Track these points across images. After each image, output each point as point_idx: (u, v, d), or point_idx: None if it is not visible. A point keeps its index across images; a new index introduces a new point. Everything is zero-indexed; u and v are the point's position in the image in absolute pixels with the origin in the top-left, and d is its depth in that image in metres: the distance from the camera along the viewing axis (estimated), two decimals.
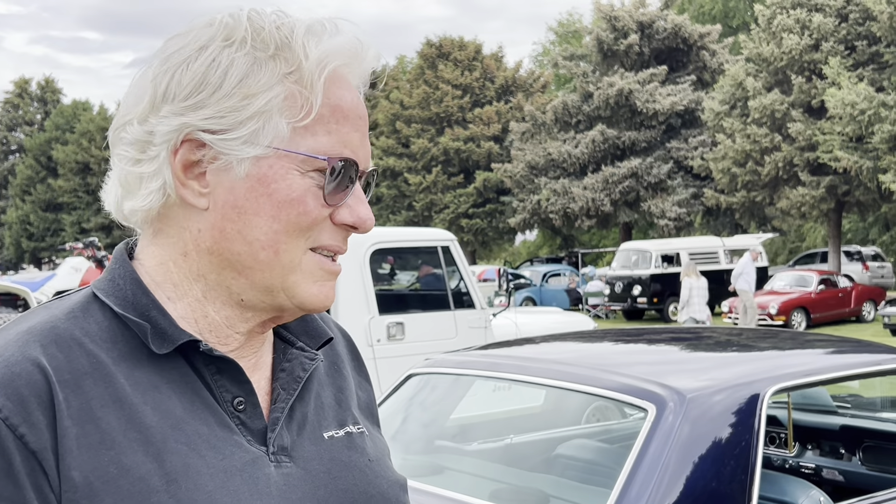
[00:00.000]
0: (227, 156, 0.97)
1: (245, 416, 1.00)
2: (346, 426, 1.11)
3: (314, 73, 0.97)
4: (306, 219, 0.98)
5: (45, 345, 0.92)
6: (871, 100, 23.86)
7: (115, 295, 0.99)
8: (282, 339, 1.11)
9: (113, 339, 0.96)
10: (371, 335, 7.90)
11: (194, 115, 0.96)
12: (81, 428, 0.89)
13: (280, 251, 0.98)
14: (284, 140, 0.97)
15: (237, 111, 0.96)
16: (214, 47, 0.97)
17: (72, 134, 55.70)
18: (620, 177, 33.24)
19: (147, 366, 0.96)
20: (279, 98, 0.97)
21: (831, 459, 4.36)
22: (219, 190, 0.98)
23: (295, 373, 1.07)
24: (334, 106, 0.99)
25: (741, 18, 45.98)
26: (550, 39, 58.78)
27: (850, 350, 3.73)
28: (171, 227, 1.01)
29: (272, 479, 0.98)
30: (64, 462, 0.88)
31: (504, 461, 3.95)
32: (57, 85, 64.20)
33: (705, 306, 15.69)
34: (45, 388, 0.89)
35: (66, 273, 15.94)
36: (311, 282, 1.01)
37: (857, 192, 26.40)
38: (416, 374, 3.88)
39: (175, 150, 0.97)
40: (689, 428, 2.73)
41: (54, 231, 56.43)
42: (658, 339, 4.10)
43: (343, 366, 1.19)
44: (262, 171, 0.97)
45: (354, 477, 1.06)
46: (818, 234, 39.31)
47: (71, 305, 0.99)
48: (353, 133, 1.01)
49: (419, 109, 41.51)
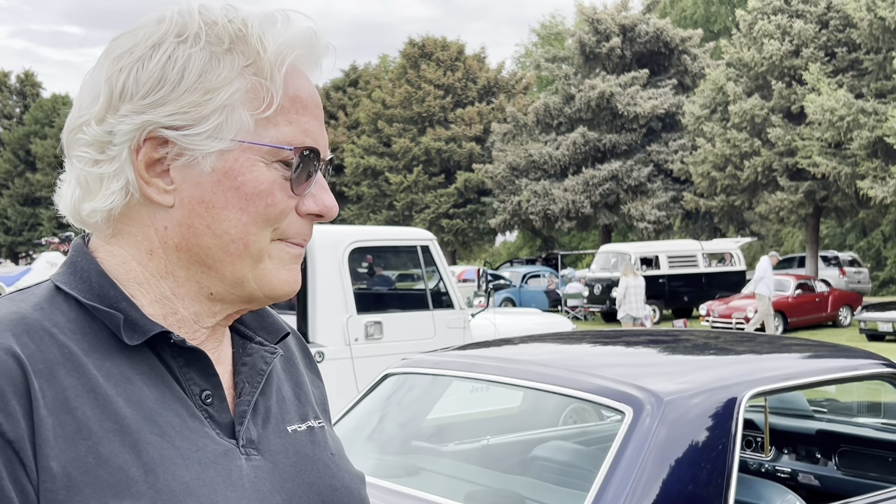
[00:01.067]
0: (192, 151, 0.97)
1: (213, 410, 1.00)
2: (308, 420, 1.12)
3: (274, 65, 0.98)
4: (275, 210, 0.99)
5: (17, 334, 0.91)
6: (850, 106, 24.02)
7: (80, 286, 0.98)
8: (239, 335, 1.11)
9: (81, 330, 0.95)
10: (349, 334, 7.87)
11: (156, 112, 0.95)
12: (57, 418, 0.88)
13: (250, 243, 0.99)
14: (248, 132, 0.98)
15: (200, 106, 0.96)
16: (168, 44, 0.97)
17: (51, 128, 55.30)
18: (601, 179, 33.32)
19: (117, 357, 0.95)
20: (241, 91, 0.97)
21: (807, 464, 4.37)
22: (184, 186, 0.97)
23: (257, 366, 1.07)
24: (293, 96, 1.00)
25: (722, 23, 46.20)
26: (533, 41, 58.94)
27: (828, 355, 3.74)
28: (134, 227, 1.00)
29: (244, 471, 0.99)
30: (41, 452, 0.86)
31: (480, 462, 3.94)
32: (36, 78, 63.68)
33: (643, 304, 16.46)
34: (21, 377, 0.88)
35: (43, 268, 15.85)
36: (280, 268, 1.02)
37: (836, 197, 26.58)
38: (393, 373, 3.86)
39: (137, 149, 0.97)
40: (666, 431, 2.72)
41: (31, 226, 56.02)
42: (636, 341, 4.10)
43: (297, 361, 1.20)
44: (227, 164, 0.97)
45: (319, 470, 1.07)
46: (796, 238, 39.56)
47: (36, 298, 0.97)
48: (312, 122, 1.02)
49: (401, 109, 41.47)
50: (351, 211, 42.80)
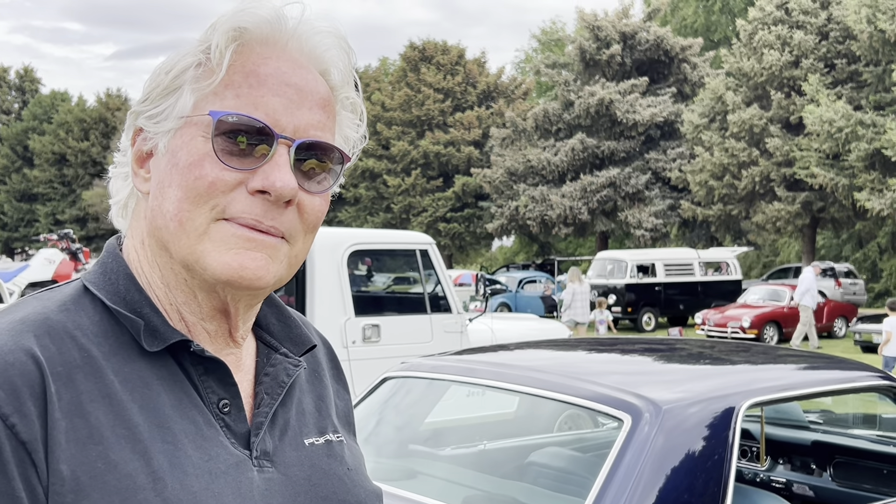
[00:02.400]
0: (155, 136, 1.00)
1: (229, 419, 1.00)
2: (326, 434, 1.11)
3: (221, 40, 0.98)
4: (202, 182, 0.95)
5: (38, 336, 0.92)
6: (849, 118, 24.08)
7: (107, 289, 0.99)
8: (265, 344, 1.10)
9: (104, 333, 0.96)
10: (347, 337, 7.87)
11: (140, 107, 1.02)
12: (71, 421, 0.89)
13: (184, 220, 0.96)
14: (193, 108, 0.98)
15: (162, 96, 1.00)
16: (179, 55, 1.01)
17: (49, 124, 55.26)
18: (598, 186, 33.35)
19: (137, 362, 0.96)
20: (190, 69, 0.98)
21: (802, 474, 4.38)
22: (154, 172, 1.01)
23: (279, 378, 1.07)
24: (249, 71, 0.98)
25: (723, 33, 46.27)
26: (533, 47, 58.94)
27: (824, 366, 3.75)
28: (134, 219, 1.05)
29: (255, 483, 0.98)
30: (53, 455, 0.87)
31: (477, 467, 3.95)
32: (36, 74, 63.68)
33: (587, 310, 17.36)
34: (39, 379, 0.89)
35: (40, 264, 15.85)
36: (223, 250, 0.96)
37: (832, 208, 26.64)
38: (392, 377, 3.87)
39: (133, 143, 1.04)
40: (664, 439, 2.73)
41: (28, 222, 55.93)
42: (632, 349, 4.11)
43: (323, 373, 1.19)
44: (175, 143, 0.99)
45: (334, 485, 1.06)
46: (792, 249, 39.59)
47: (63, 298, 0.98)
48: (271, 97, 0.97)
49: (400, 112, 41.50)
50: (348, 213, 42.80)
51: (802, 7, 27.85)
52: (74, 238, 15.84)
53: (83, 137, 53.47)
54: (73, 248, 15.52)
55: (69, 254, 15.60)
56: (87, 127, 53.59)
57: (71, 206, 52.78)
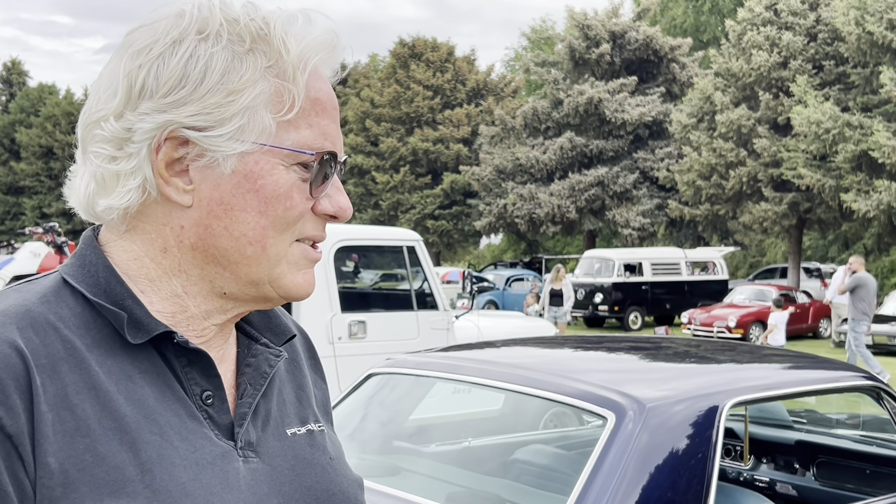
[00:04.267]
0: (213, 153, 0.96)
1: (212, 410, 1.00)
2: (308, 424, 1.11)
3: (297, 69, 0.97)
4: (293, 213, 0.99)
5: (21, 328, 0.91)
6: (837, 119, 24.17)
7: (87, 281, 0.98)
8: (245, 335, 1.10)
9: (86, 325, 0.95)
10: (332, 333, 7.86)
11: (178, 112, 0.94)
12: (57, 414, 0.88)
13: (267, 246, 0.99)
14: (270, 135, 0.97)
15: (222, 107, 0.95)
16: (189, 41, 0.95)
17: (36, 117, 54.97)
18: (587, 185, 33.39)
19: (120, 354, 0.95)
20: (264, 94, 0.96)
21: (785, 474, 4.40)
22: (203, 186, 0.97)
23: (261, 368, 1.06)
24: (314, 99, 1.00)
25: (712, 33, 46.38)
26: (523, 45, 58.97)
27: (808, 366, 3.77)
28: (149, 224, 0.99)
29: (241, 473, 0.98)
30: (40, 448, 0.87)
31: (461, 464, 3.95)
32: (23, 67, 63.32)
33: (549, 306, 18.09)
34: (24, 371, 0.88)
35: (26, 257, 15.77)
36: (296, 271, 1.02)
37: (819, 209, 26.73)
38: (377, 373, 3.87)
39: (157, 148, 0.95)
40: (648, 437, 2.74)
41: (14, 215, 55.66)
42: (618, 347, 4.11)
43: (301, 363, 1.19)
44: (248, 167, 0.97)
45: (317, 474, 1.07)
46: (779, 249, 39.73)
47: (42, 290, 0.97)
48: (331, 124, 1.01)
49: (389, 108, 41.45)
50: None
51: (791, 8, 27.93)
52: (60, 231, 15.75)
53: (71, 131, 53.11)
54: (58, 242, 15.44)
55: (54, 247, 15.52)
56: (75, 120, 52.15)
57: (57, 200, 52.48)
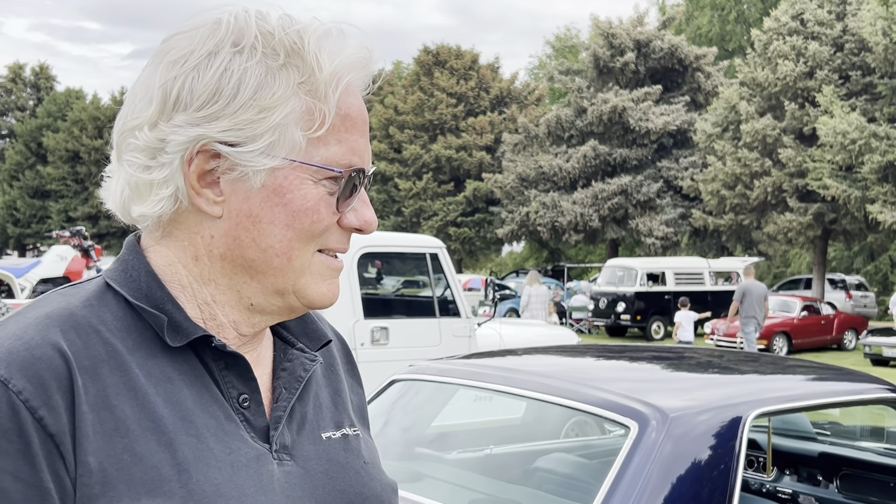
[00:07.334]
0: (244, 167, 0.98)
1: (249, 413, 1.02)
2: (343, 428, 1.13)
3: (329, 87, 0.99)
4: (319, 226, 1.01)
5: (64, 330, 0.93)
6: (863, 130, 24.00)
7: (129, 286, 1.00)
8: (281, 339, 1.12)
9: (127, 328, 0.98)
10: (355, 339, 7.88)
11: (210, 126, 0.96)
12: (97, 414, 0.91)
13: (293, 257, 1.01)
14: (300, 152, 0.99)
15: (254, 124, 0.97)
16: (225, 54, 0.96)
17: (63, 122, 55.40)
18: (610, 193, 33.32)
19: (160, 357, 0.98)
20: (296, 112, 0.98)
21: (809, 486, 4.37)
22: (233, 199, 0.99)
23: (296, 373, 1.09)
24: (344, 115, 1.01)
25: (737, 42, 46.21)
26: (547, 53, 58.97)
27: (832, 378, 3.74)
28: (182, 232, 1.02)
29: (275, 476, 1.00)
30: (80, 447, 0.89)
31: (483, 471, 3.95)
32: (51, 72, 63.83)
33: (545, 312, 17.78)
34: (66, 373, 0.90)
35: (52, 261, 15.90)
36: (320, 281, 1.04)
37: (844, 220, 26.54)
38: (400, 380, 3.88)
39: (189, 160, 0.98)
40: (671, 447, 2.73)
41: (41, 218, 56.06)
42: (641, 356, 4.11)
43: (338, 368, 1.21)
44: (277, 181, 0.99)
45: (351, 478, 1.08)
46: (803, 260, 39.48)
47: (86, 294, 1.00)
48: (360, 139, 1.03)
49: (413, 115, 41.53)
50: None
51: (818, 18, 27.79)
52: (86, 235, 15.87)
53: (97, 135, 53.55)
54: (84, 246, 15.56)
55: (81, 251, 15.64)
56: (101, 125, 53.69)
57: (83, 204, 52.89)
